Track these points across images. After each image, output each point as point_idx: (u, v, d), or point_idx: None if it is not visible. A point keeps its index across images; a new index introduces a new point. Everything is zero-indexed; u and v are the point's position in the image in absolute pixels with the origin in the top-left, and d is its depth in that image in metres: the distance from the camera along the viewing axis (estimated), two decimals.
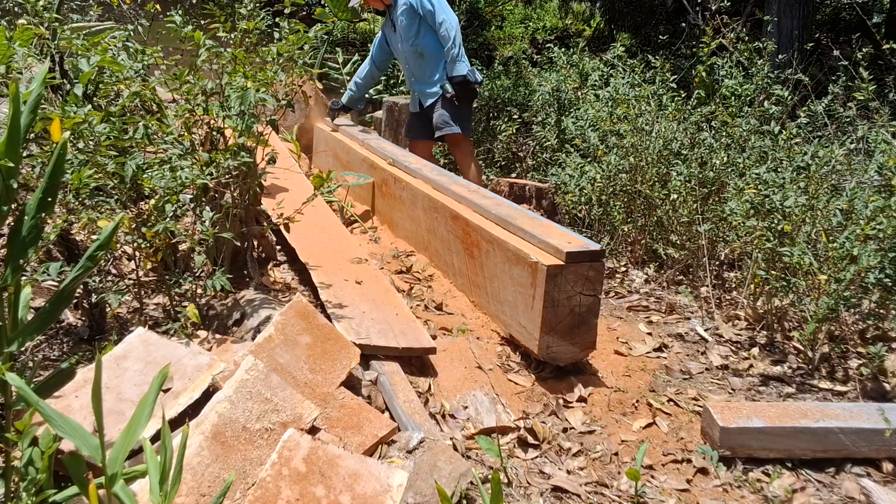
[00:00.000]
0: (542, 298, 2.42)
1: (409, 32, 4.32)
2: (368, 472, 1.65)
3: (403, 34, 4.36)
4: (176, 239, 2.38)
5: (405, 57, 4.45)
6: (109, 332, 2.36)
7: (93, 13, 4.23)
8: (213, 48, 2.47)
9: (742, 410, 2.23)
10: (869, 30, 6.99)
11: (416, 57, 4.38)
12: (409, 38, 4.34)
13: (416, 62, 4.40)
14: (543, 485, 2.02)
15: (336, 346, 2.12)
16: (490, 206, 2.94)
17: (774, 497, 2.03)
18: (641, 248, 3.75)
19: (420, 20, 4.30)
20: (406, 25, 4.32)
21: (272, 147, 2.66)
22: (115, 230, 1.50)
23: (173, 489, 1.24)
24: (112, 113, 2.33)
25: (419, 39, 4.32)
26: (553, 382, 2.53)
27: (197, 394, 1.83)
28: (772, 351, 2.86)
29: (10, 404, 1.40)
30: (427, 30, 4.32)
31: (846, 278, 2.55)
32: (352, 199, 4.19)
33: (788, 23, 6.74)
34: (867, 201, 2.70)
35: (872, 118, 3.45)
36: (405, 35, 4.35)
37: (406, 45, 4.37)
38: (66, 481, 1.48)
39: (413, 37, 4.32)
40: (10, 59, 2.22)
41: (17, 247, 1.38)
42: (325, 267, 2.84)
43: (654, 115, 3.91)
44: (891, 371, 2.61)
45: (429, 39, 4.32)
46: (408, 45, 4.37)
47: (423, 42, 4.33)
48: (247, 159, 2.48)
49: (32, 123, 1.41)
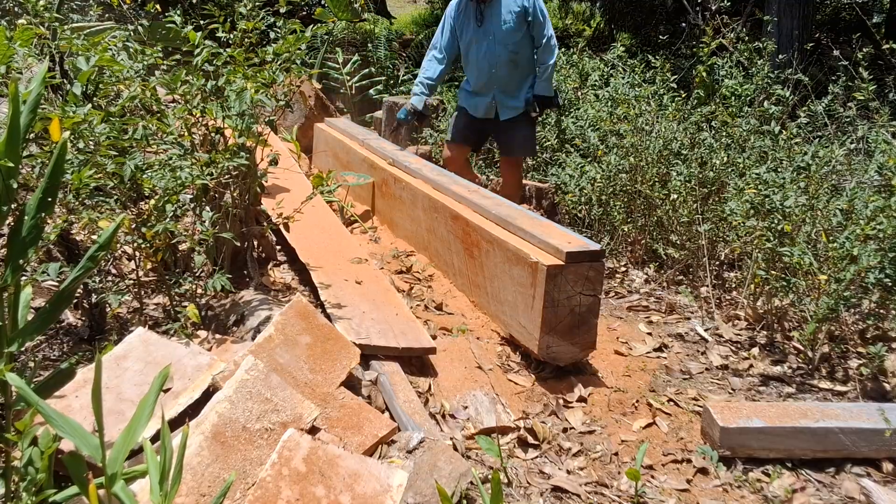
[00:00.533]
0: (542, 298, 2.42)
1: (512, 36, 3.84)
2: (368, 472, 1.64)
3: (502, 36, 3.84)
4: (176, 239, 2.38)
5: (493, 60, 3.89)
6: (109, 332, 2.36)
7: (93, 13, 4.23)
8: (211, 48, 2.47)
9: (742, 410, 2.23)
10: (869, 30, 6.99)
11: (509, 65, 3.90)
12: (509, 43, 3.85)
13: (507, 70, 3.91)
14: (543, 485, 2.02)
15: (336, 346, 2.12)
16: (490, 206, 2.94)
17: (774, 497, 2.03)
18: (641, 248, 3.75)
19: (527, 26, 3.86)
20: (511, 28, 3.83)
21: (272, 147, 2.66)
22: (115, 231, 1.50)
23: (173, 489, 1.24)
24: (112, 113, 2.33)
25: (520, 47, 3.88)
26: (553, 382, 2.53)
27: (197, 394, 1.83)
28: (772, 351, 2.86)
29: (10, 404, 1.40)
30: (529, 39, 3.89)
31: (846, 278, 2.55)
32: (352, 199, 4.18)
33: (788, 23, 6.74)
34: (867, 201, 2.70)
35: (872, 118, 3.45)
36: (504, 37, 3.84)
37: (501, 48, 3.86)
38: (66, 481, 1.48)
39: (515, 42, 3.85)
40: (11, 59, 2.22)
41: (17, 247, 1.38)
42: (325, 267, 2.84)
43: (654, 114, 3.91)
44: (891, 371, 2.61)
45: (528, 49, 3.91)
46: (503, 49, 3.86)
47: (523, 51, 3.89)
48: (244, 162, 2.48)
49: (32, 123, 1.41)
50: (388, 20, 10.05)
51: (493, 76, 3.92)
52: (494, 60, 3.88)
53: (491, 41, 3.86)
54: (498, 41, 3.85)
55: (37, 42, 2.54)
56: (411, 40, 8.53)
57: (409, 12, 11.49)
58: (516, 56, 3.88)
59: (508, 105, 3.97)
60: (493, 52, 3.87)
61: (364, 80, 6.66)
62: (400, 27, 9.61)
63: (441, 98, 5.54)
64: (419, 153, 4.33)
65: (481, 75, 3.96)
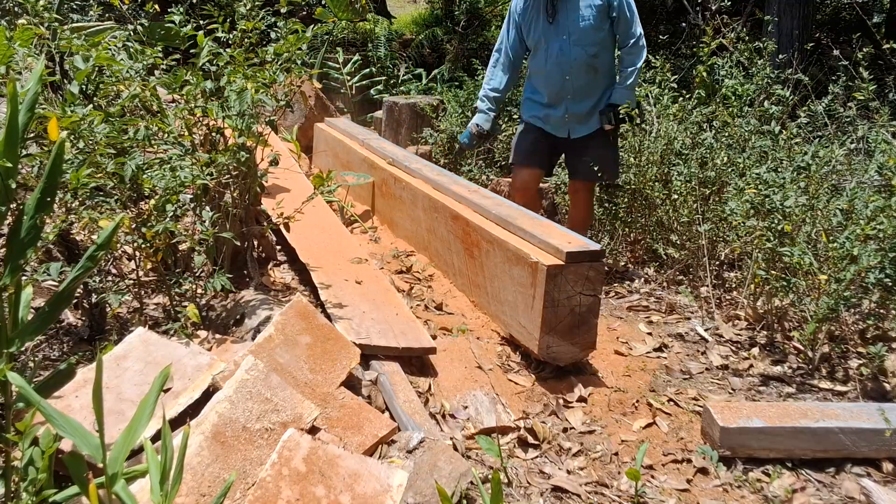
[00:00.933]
0: (542, 298, 2.42)
1: (592, 36, 3.23)
2: (368, 472, 1.64)
3: (579, 37, 3.23)
4: (176, 239, 2.38)
5: (567, 66, 3.28)
6: (109, 332, 2.36)
7: (93, 13, 4.23)
8: (212, 49, 2.47)
9: (742, 410, 2.23)
10: (869, 30, 7.00)
11: (588, 71, 3.29)
12: (589, 45, 3.24)
13: (585, 77, 3.30)
14: (543, 485, 2.02)
15: (336, 346, 2.12)
16: (490, 206, 2.94)
17: (774, 497, 2.03)
18: (641, 248, 3.74)
19: (610, 24, 3.24)
20: (590, 26, 3.21)
21: (273, 147, 2.66)
22: (115, 230, 1.50)
23: (174, 489, 1.24)
24: (112, 113, 2.33)
25: (600, 48, 3.27)
26: (553, 382, 2.53)
27: (197, 394, 1.83)
28: (772, 351, 2.86)
29: (11, 404, 1.40)
30: (612, 39, 3.29)
31: (846, 278, 2.55)
32: (352, 199, 4.19)
33: (788, 23, 6.74)
34: (867, 201, 2.70)
35: (872, 118, 3.45)
36: (582, 38, 3.23)
37: (578, 50, 3.24)
38: (66, 481, 1.48)
39: (595, 44, 3.24)
40: (10, 59, 2.22)
41: (16, 247, 1.38)
42: (326, 267, 2.84)
43: (654, 114, 3.91)
44: (891, 371, 2.61)
45: (609, 52, 3.32)
46: (581, 52, 3.25)
47: (603, 53, 3.29)
48: (246, 157, 2.48)
49: (30, 122, 1.41)
50: (388, 20, 10.05)
51: (566, 84, 3.29)
52: (567, 66, 3.26)
53: (565, 41, 3.24)
54: (576, 42, 3.23)
55: (36, 42, 2.54)
56: (411, 40, 8.54)
57: (409, 12, 11.49)
58: (595, 60, 3.27)
59: (584, 121, 3.36)
60: (570, 56, 3.25)
61: (364, 80, 6.67)
62: (400, 27, 9.61)
63: (441, 98, 5.52)
64: (419, 153, 4.32)
65: (552, 83, 3.32)
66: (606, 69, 3.34)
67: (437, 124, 5.12)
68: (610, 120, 3.30)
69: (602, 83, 3.34)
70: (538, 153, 3.50)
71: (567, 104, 3.35)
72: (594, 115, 3.37)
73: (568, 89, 3.32)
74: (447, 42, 8.44)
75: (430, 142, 5.00)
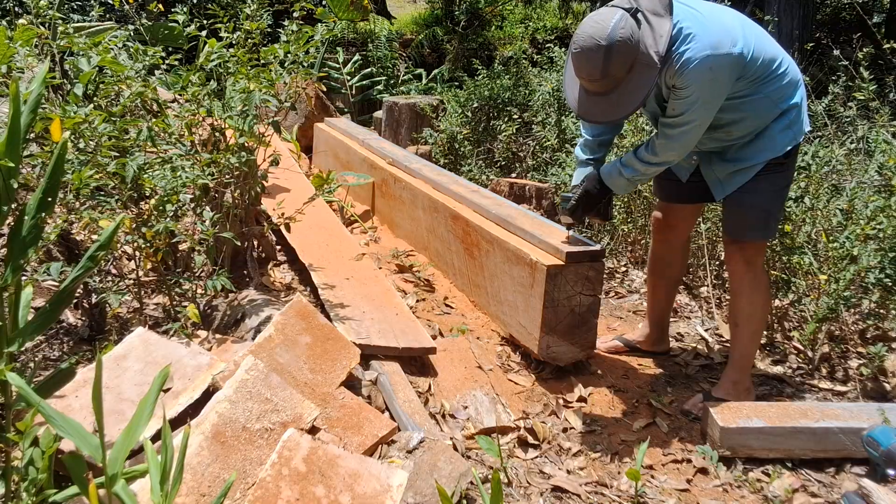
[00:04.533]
0: (542, 298, 2.42)
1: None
2: (368, 472, 1.65)
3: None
4: (176, 239, 2.38)
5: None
6: (109, 332, 2.36)
7: (94, 14, 4.23)
8: (217, 50, 2.47)
9: (742, 410, 2.23)
10: (869, 30, 7.00)
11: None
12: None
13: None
14: (543, 485, 2.02)
15: (336, 346, 2.13)
16: (490, 206, 2.94)
17: (774, 497, 2.03)
18: (641, 248, 3.74)
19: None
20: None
21: (273, 148, 2.67)
22: (115, 230, 1.50)
23: (174, 489, 1.24)
24: (113, 113, 2.33)
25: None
26: (553, 382, 2.53)
27: (197, 394, 1.83)
28: (772, 351, 2.86)
29: (11, 404, 1.40)
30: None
31: (846, 278, 2.55)
32: (352, 199, 4.19)
33: (788, 23, 6.74)
34: (867, 201, 2.70)
35: (872, 118, 3.45)
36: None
37: None
38: (66, 481, 1.48)
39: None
40: (11, 58, 2.22)
41: (17, 247, 1.38)
42: (326, 267, 2.85)
43: None
44: (891, 371, 2.61)
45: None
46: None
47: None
48: (249, 158, 2.48)
49: (32, 123, 1.41)
50: (388, 20, 10.06)
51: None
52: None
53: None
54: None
55: (37, 42, 2.54)
56: (411, 40, 8.54)
57: (409, 12, 11.49)
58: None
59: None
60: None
61: (364, 80, 6.67)
62: (400, 27, 9.61)
63: (441, 98, 5.53)
64: (419, 153, 4.32)
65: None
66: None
67: (437, 124, 5.12)
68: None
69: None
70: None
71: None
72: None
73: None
74: (447, 42, 8.44)
75: (430, 142, 5.00)
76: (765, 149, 2.27)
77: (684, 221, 2.68)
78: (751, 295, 2.38)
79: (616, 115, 2.17)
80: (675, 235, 2.69)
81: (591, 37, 2.04)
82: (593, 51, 2.04)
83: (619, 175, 2.35)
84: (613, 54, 2.03)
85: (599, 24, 2.05)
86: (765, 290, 2.42)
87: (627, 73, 2.08)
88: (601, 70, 2.05)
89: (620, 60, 2.05)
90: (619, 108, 2.14)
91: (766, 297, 2.43)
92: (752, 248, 2.38)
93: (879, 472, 2.03)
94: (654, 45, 2.06)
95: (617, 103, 2.13)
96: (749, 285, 2.38)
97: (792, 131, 2.27)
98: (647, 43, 2.06)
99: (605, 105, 2.15)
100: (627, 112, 2.15)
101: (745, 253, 2.37)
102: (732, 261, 2.42)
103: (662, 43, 2.06)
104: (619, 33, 2.03)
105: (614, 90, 2.11)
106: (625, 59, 2.05)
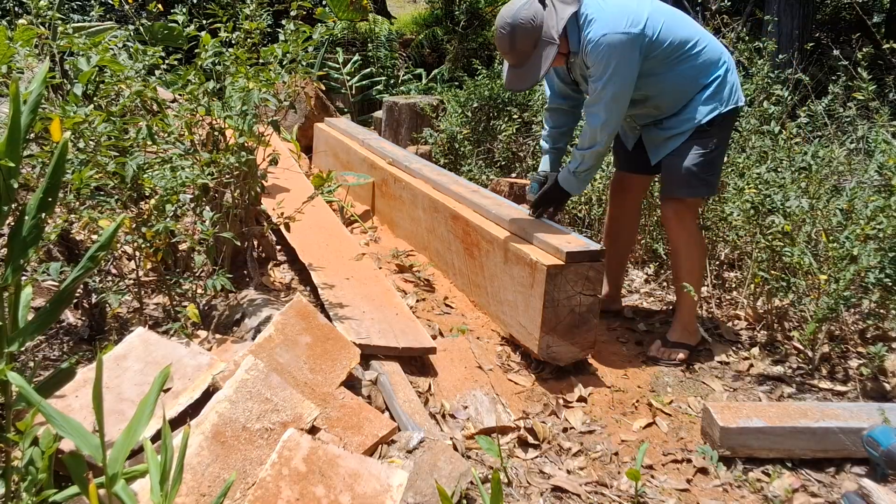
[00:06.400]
0: (542, 298, 2.42)
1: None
2: (368, 471, 1.65)
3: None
4: (176, 239, 2.38)
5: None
6: (109, 332, 2.36)
7: (94, 14, 4.23)
8: (217, 49, 2.47)
9: (742, 410, 2.23)
10: (869, 30, 7.00)
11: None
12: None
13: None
14: (543, 485, 2.02)
15: (336, 345, 2.13)
16: (490, 206, 2.94)
17: (774, 497, 2.03)
18: (641, 247, 3.74)
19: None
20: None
21: (273, 147, 2.67)
22: (115, 230, 1.50)
23: (174, 489, 1.24)
24: (113, 113, 2.33)
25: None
26: (553, 382, 2.53)
27: (197, 394, 1.83)
28: (772, 351, 2.86)
29: (11, 404, 1.40)
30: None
31: (846, 278, 2.55)
32: (352, 199, 4.19)
33: (788, 23, 6.74)
34: (867, 201, 2.70)
35: (872, 118, 3.45)
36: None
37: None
38: (66, 481, 1.49)
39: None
40: (11, 58, 2.22)
41: (17, 247, 1.38)
42: (326, 267, 2.85)
43: None
44: (891, 371, 2.61)
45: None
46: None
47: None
48: (249, 157, 2.48)
49: (32, 123, 1.41)
50: (388, 20, 10.05)
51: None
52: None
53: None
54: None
55: (37, 42, 2.54)
56: (411, 40, 8.53)
57: (409, 12, 11.49)
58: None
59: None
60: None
61: (364, 80, 6.66)
62: (400, 27, 9.61)
63: (441, 98, 5.52)
64: (419, 153, 4.32)
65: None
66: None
67: (436, 124, 5.12)
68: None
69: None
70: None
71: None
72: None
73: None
74: (447, 42, 8.43)
75: (430, 142, 5.00)
76: (690, 118, 2.63)
77: (636, 188, 3.08)
78: (687, 250, 2.75)
79: (525, 84, 2.57)
80: (629, 199, 3.09)
81: (503, 17, 2.49)
82: (503, 29, 2.48)
83: (568, 174, 2.70)
84: (517, 32, 2.46)
85: (509, 8, 2.49)
86: (699, 245, 2.78)
87: (533, 48, 2.48)
88: (508, 44, 2.49)
89: (524, 37, 2.46)
90: (528, 78, 2.54)
91: (701, 250, 2.79)
92: (682, 204, 2.71)
93: (879, 472, 2.03)
94: (555, 27, 2.48)
95: (526, 74, 2.54)
96: (685, 243, 2.74)
97: (714, 102, 2.61)
98: (550, 24, 2.48)
99: (518, 76, 2.56)
100: (534, 81, 2.54)
101: (676, 208, 2.72)
102: (666, 217, 2.78)
103: (561, 24, 2.48)
104: (522, 14, 2.45)
105: (525, 63, 2.52)
106: (528, 37, 2.46)
